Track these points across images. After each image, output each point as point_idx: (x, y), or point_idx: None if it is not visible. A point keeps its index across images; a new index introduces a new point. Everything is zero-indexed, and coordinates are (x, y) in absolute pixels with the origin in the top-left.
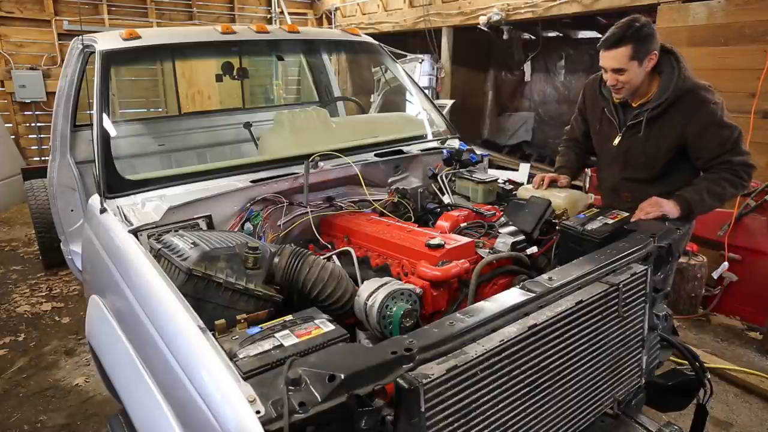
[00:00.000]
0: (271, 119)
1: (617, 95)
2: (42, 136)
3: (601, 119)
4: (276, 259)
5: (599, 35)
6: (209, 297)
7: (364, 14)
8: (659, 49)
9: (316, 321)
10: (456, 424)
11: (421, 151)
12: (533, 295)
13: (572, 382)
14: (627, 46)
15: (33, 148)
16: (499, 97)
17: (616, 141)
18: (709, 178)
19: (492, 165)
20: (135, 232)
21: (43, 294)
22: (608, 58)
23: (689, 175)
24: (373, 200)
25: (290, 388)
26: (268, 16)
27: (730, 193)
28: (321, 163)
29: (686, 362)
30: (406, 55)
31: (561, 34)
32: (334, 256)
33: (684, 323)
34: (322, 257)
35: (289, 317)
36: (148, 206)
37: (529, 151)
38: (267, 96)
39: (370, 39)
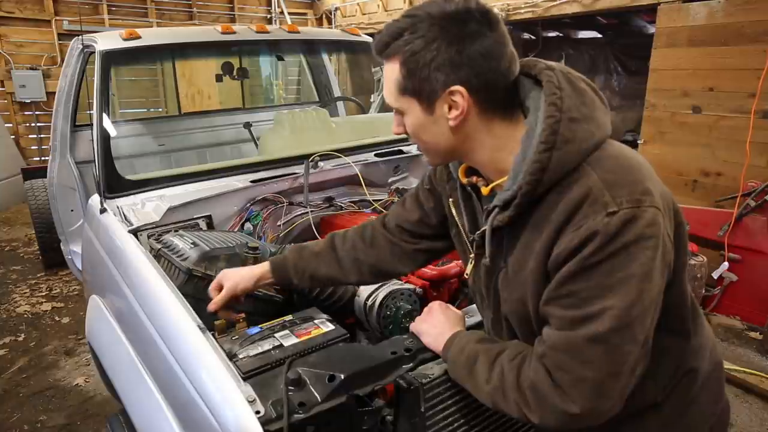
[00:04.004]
0: (271, 119)
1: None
2: (42, 136)
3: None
4: None
5: (599, 35)
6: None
7: (364, 14)
8: (510, 79)
9: (316, 321)
10: (456, 424)
11: None
12: None
13: None
14: (395, 61)
15: (33, 148)
16: None
17: (468, 269)
18: (498, 351)
19: None
20: (135, 232)
21: (43, 294)
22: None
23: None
24: (373, 200)
25: (290, 388)
26: (268, 16)
27: (489, 393)
28: (321, 163)
29: None
30: None
31: (561, 34)
32: None
33: None
34: None
35: (289, 317)
36: (148, 206)
37: None
38: (266, 96)
39: (370, 39)
